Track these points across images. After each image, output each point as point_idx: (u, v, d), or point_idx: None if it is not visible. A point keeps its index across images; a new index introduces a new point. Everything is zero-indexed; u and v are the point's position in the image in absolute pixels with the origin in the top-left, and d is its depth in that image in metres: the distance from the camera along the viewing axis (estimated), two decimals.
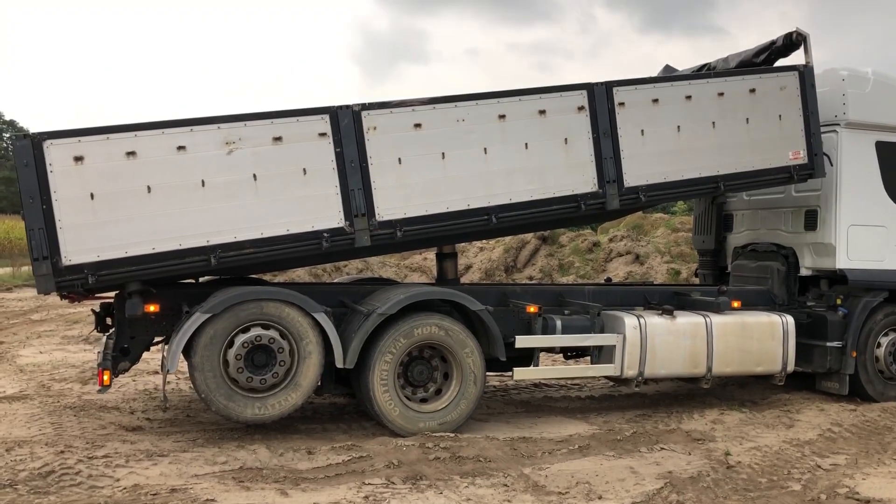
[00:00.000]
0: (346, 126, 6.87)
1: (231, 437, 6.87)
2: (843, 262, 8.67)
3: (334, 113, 6.87)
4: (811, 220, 8.87)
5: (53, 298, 12.69)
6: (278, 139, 6.72)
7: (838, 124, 8.69)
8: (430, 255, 19.44)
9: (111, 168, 6.28)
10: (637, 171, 7.75)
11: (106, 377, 6.58)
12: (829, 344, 8.54)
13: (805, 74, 8.35)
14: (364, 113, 6.94)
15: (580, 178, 7.57)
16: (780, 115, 8.29)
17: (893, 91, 8.89)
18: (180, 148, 6.47)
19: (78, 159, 6.20)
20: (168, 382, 6.81)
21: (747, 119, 8.18)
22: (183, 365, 6.77)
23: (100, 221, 6.24)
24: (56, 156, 6.15)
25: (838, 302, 8.73)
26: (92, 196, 6.22)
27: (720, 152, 8.09)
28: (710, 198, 10.01)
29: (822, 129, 8.48)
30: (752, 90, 8.23)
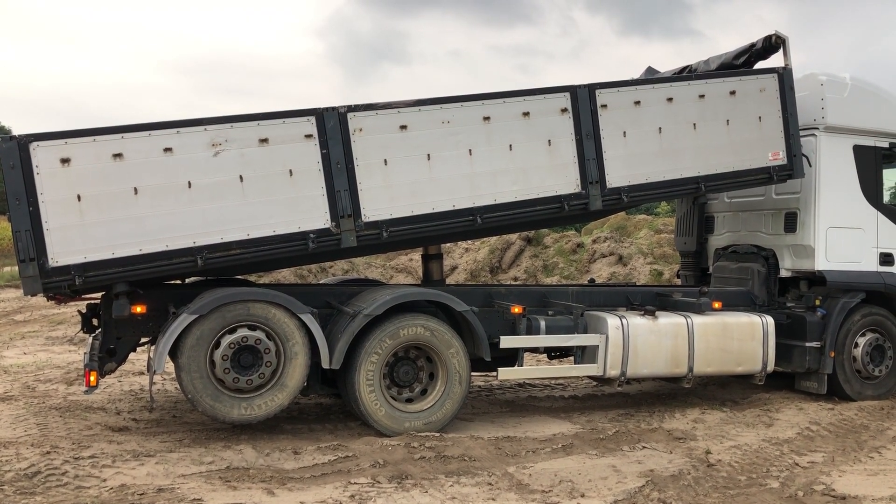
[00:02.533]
0: (332, 128, 6.92)
1: (217, 438, 6.90)
2: (821, 263, 8.82)
3: (320, 115, 6.91)
4: (791, 223, 9.01)
5: (36, 299, 12.64)
6: (264, 141, 6.76)
7: (817, 128, 8.84)
8: (416, 256, 19.49)
9: (98, 170, 6.30)
10: (619, 172, 7.85)
11: (93, 378, 6.59)
12: (807, 344, 8.69)
13: (784, 76, 8.49)
14: (350, 115, 6.99)
15: (563, 179, 7.66)
16: (759, 117, 8.42)
17: (871, 96, 9.07)
18: (167, 150, 6.49)
19: (64, 161, 6.21)
20: (154, 383, 6.82)
21: (728, 120, 8.31)
22: (169, 366, 6.79)
23: (87, 223, 6.25)
24: (42, 158, 6.15)
25: (817, 303, 8.88)
26: (79, 198, 6.23)
27: (701, 153, 8.22)
28: (692, 199, 10.15)
29: (802, 133, 8.62)
30: (733, 92, 8.36)
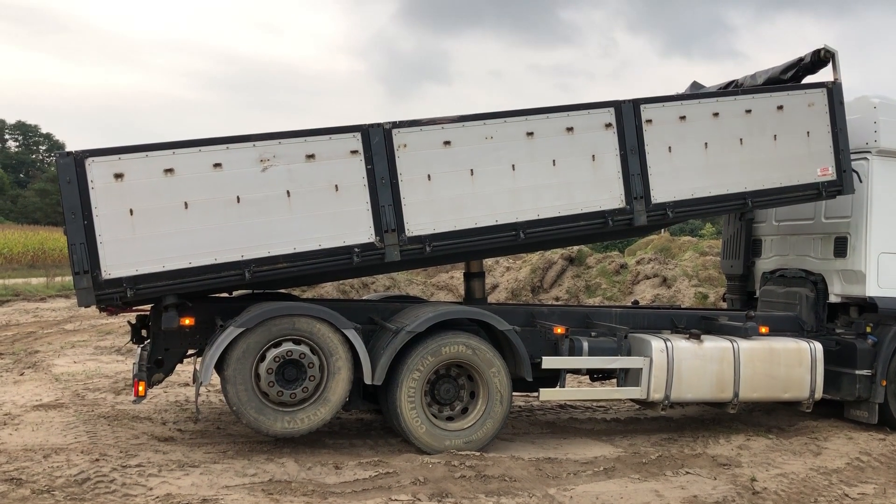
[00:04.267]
0: (377, 144, 6.99)
1: (260, 450, 6.97)
2: (873, 289, 8.61)
3: (366, 131, 6.99)
4: (841, 247, 8.82)
5: (86, 309, 12.95)
6: (311, 157, 6.86)
7: (870, 151, 8.66)
8: (458, 274, 19.53)
9: (150, 184, 6.45)
10: (664, 188, 7.80)
11: (141, 388, 6.75)
12: (858, 372, 8.47)
13: (833, 91, 8.36)
14: (395, 131, 7.05)
15: (607, 195, 7.63)
16: (808, 132, 8.30)
17: None
18: (216, 165, 6.63)
19: (118, 176, 6.37)
20: (199, 394, 6.92)
21: (775, 136, 8.21)
22: (215, 378, 6.89)
23: (138, 236, 6.40)
24: (97, 173, 6.32)
25: (868, 330, 8.66)
26: (131, 212, 6.39)
27: (748, 169, 8.11)
28: (738, 217, 10.00)
29: (853, 157, 8.47)
30: (780, 107, 8.25)
